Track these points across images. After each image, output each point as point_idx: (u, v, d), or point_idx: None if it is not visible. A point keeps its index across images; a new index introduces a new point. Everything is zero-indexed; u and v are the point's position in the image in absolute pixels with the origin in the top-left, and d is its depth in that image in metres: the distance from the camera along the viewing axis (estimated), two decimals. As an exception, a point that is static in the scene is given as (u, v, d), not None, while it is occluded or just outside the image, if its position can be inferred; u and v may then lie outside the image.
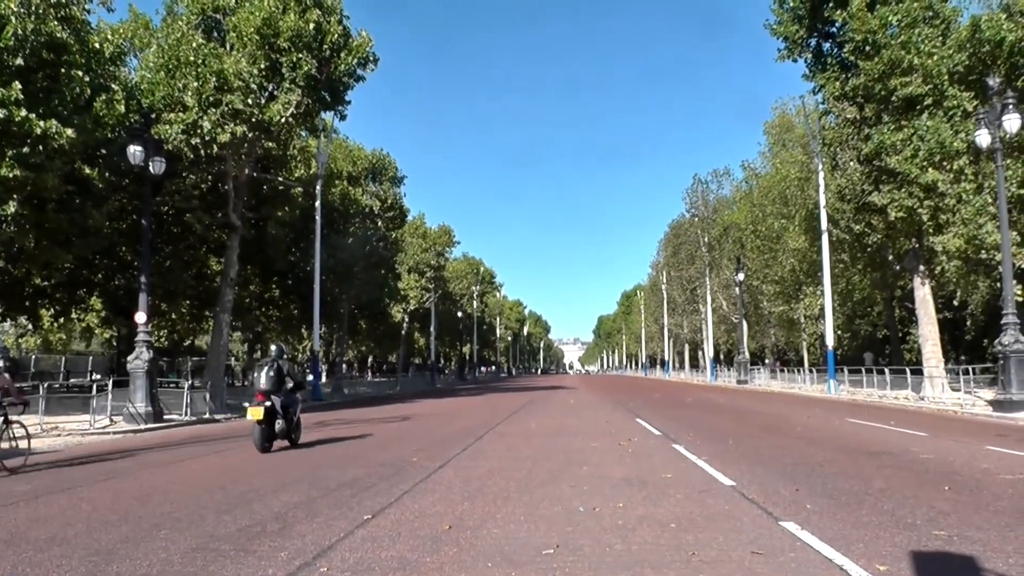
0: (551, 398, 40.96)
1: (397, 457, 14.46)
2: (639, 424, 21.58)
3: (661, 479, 11.04)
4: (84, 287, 38.98)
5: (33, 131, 21.82)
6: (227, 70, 28.72)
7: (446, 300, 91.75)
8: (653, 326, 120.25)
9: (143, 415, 24.16)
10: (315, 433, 21.11)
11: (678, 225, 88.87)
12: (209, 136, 28.88)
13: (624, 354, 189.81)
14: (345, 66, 31.73)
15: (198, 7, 30.63)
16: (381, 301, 65.34)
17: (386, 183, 56.70)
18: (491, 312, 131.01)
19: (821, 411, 27.11)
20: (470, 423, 23.65)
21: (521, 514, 8.66)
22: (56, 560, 7.10)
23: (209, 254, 41.34)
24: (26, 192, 23.49)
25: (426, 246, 79.07)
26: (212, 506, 9.69)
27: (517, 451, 15.22)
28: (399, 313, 78.05)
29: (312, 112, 33.35)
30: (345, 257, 49.39)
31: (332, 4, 31.32)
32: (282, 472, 12.93)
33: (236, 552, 7.18)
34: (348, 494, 10.28)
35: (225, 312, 34.09)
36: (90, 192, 28.84)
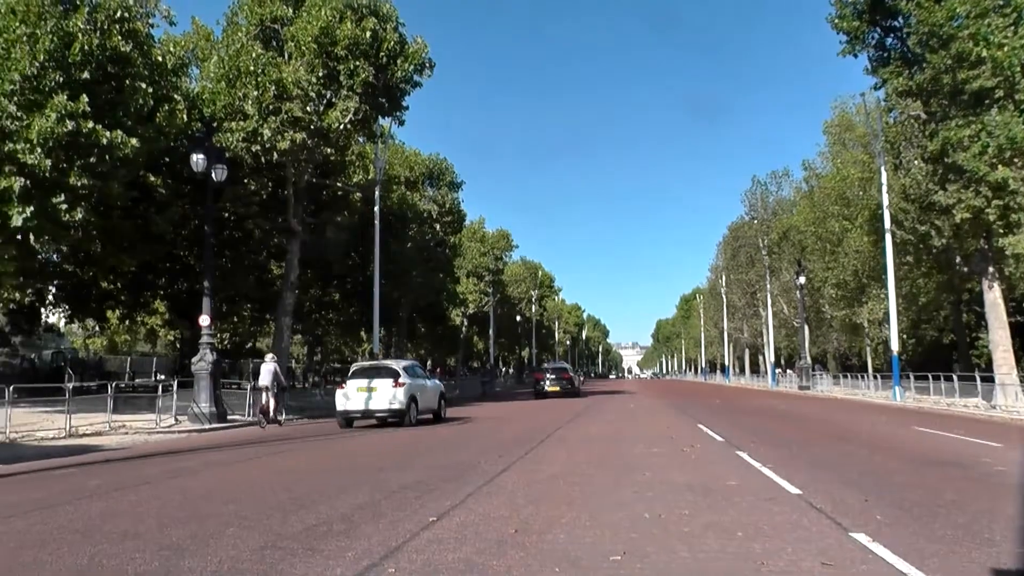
0: (610, 403, 40.77)
1: (459, 460, 14.52)
2: (701, 430, 21.30)
3: (725, 486, 10.91)
4: (148, 290, 39.74)
5: (99, 141, 22.38)
6: (286, 79, 29.16)
7: (505, 304, 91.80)
8: (712, 330, 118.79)
9: (207, 415, 24.61)
10: (379, 435, 21.29)
11: (737, 227, 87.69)
12: (269, 143, 29.37)
13: (683, 359, 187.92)
14: (402, 72, 31.93)
15: (257, 18, 31.07)
16: (440, 305, 65.58)
17: (444, 188, 57.01)
18: (550, 316, 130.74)
19: (886, 418, 26.69)
20: (530, 427, 23.66)
21: (586, 519, 8.62)
22: (130, 553, 7.29)
23: (270, 259, 41.87)
24: (93, 200, 24.06)
25: (484, 250, 79.11)
26: (278, 505, 9.83)
27: (578, 456, 15.16)
28: (458, 317, 78.25)
29: (370, 118, 33.65)
30: (404, 261, 49.66)
31: (388, 12, 31.58)
32: (344, 474, 13.09)
33: (304, 551, 7.28)
34: (412, 496, 10.33)
35: (286, 315, 34.56)
36: (154, 199, 29.50)
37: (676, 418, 27.52)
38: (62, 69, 22.56)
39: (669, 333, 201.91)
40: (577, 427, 23.50)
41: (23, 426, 20.64)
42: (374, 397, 24.34)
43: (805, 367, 61.43)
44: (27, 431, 20.27)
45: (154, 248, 30.03)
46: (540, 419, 27.68)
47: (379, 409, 24.40)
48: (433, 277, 56.64)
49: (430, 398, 26.93)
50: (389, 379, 24.56)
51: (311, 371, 64.58)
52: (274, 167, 32.52)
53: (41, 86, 22.27)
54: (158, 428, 22.95)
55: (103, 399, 23.60)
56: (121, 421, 22.94)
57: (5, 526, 8.78)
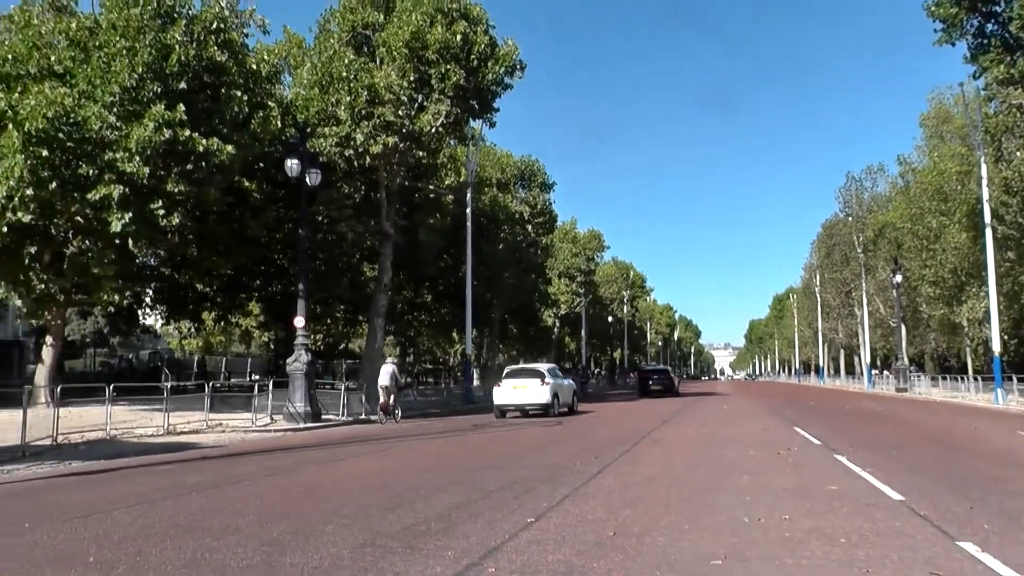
0: (703, 404, 40.28)
1: (554, 461, 14.46)
2: (797, 433, 20.80)
3: (826, 491, 10.61)
4: (243, 293, 40.60)
5: (196, 149, 22.99)
6: (378, 84, 29.53)
7: (596, 305, 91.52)
8: (806, 331, 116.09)
9: (302, 414, 25.05)
10: (473, 435, 21.44)
11: (831, 225, 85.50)
12: (362, 148, 29.78)
13: (776, 360, 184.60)
14: (492, 75, 32.01)
15: (349, 25, 31.54)
16: (532, 306, 65.70)
17: (535, 189, 57.03)
18: (641, 317, 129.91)
19: (988, 422, 25.74)
20: (624, 429, 23.47)
21: (684, 522, 8.50)
22: (232, 548, 7.47)
23: (363, 261, 42.40)
24: (190, 205, 24.73)
25: (576, 251, 78.93)
26: (375, 503, 9.93)
27: (674, 458, 14.98)
28: (550, 318, 78.25)
29: (461, 121, 33.84)
30: (496, 263, 49.86)
31: (478, 15, 31.73)
32: (440, 473, 13.14)
33: (404, 549, 7.33)
34: (509, 496, 10.33)
35: (379, 317, 34.99)
36: (248, 204, 30.18)
37: (771, 420, 27.05)
38: (160, 80, 23.29)
39: (762, 334, 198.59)
40: (671, 429, 23.25)
41: (122, 423, 21.20)
42: (525, 393, 29.39)
43: (902, 368, 59.63)
44: (126, 428, 20.82)
45: (249, 251, 30.68)
46: (632, 420, 27.53)
47: (529, 403, 29.40)
48: (525, 278, 56.75)
49: (567, 395, 32.10)
50: (537, 379, 29.79)
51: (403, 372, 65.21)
52: (367, 171, 33.03)
53: (140, 97, 23.00)
54: (254, 427, 23.44)
55: (199, 398, 24.20)
56: (217, 420, 23.47)
57: (109, 519, 9.06)
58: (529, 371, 31.23)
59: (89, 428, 19.63)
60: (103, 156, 22.56)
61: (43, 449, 16.79)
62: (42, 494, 11.85)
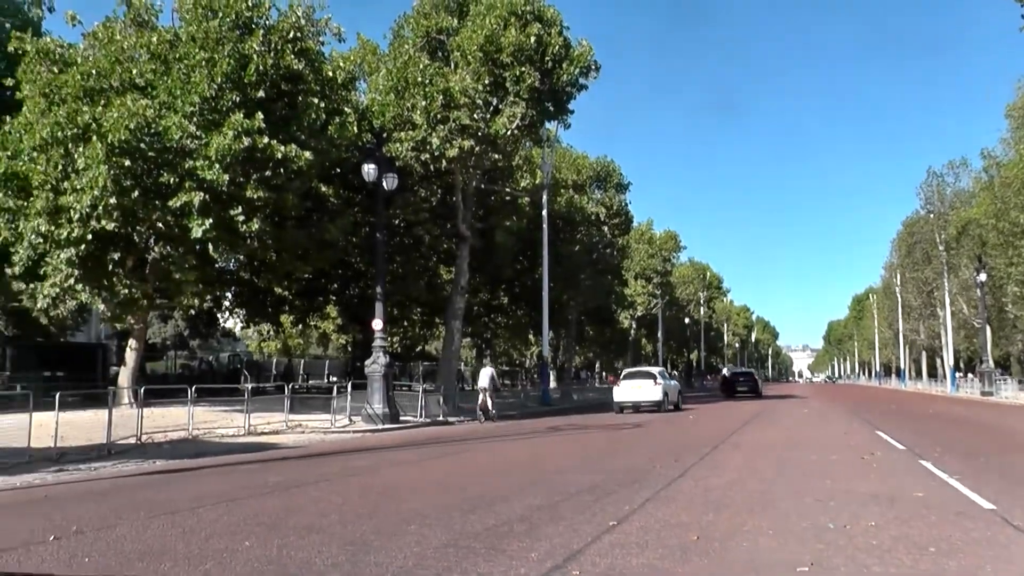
0: (782, 408, 39.74)
1: (634, 465, 14.36)
2: (880, 437, 20.37)
3: (912, 497, 10.31)
4: (321, 296, 41.15)
5: (274, 156, 23.36)
6: (453, 88, 29.68)
7: (673, 306, 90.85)
8: (886, 332, 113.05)
9: (380, 416, 25.33)
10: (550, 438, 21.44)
11: (912, 223, 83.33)
12: (438, 151, 29.94)
13: (856, 362, 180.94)
14: (567, 76, 31.96)
15: (423, 30, 31.82)
16: (608, 307, 65.38)
17: (611, 190, 56.75)
18: (718, 318, 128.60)
19: (1079, 429, 25.01)
20: (703, 432, 23.30)
21: (768, 528, 8.36)
22: (316, 546, 7.55)
23: (439, 263, 42.61)
24: (268, 211, 25.11)
25: (652, 252, 78.40)
26: (457, 504, 9.96)
27: (755, 463, 14.78)
28: (626, 319, 77.82)
29: (536, 123, 33.85)
30: (572, 264, 49.72)
31: (552, 16, 31.70)
32: (519, 475, 13.16)
33: (487, 550, 7.33)
34: (590, 499, 10.28)
35: (456, 319, 35.18)
36: (326, 208, 30.52)
37: (852, 423, 26.59)
38: (238, 89, 23.75)
39: (841, 335, 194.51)
40: (751, 432, 23.01)
41: (204, 424, 21.70)
42: (641, 392, 34.80)
43: (987, 371, 57.72)
44: (208, 428, 21.32)
45: (327, 255, 31.02)
46: (711, 424, 27.34)
47: (644, 400, 34.60)
48: (601, 280, 56.52)
49: (674, 393, 37.62)
50: (650, 380, 35.40)
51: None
52: (443, 174, 33.26)
53: (219, 106, 23.48)
54: (333, 428, 23.77)
55: (279, 399, 24.67)
56: (297, 420, 23.87)
57: (195, 516, 9.26)
58: (644, 373, 37.32)
59: (171, 428, 20.15)
60: (184, 164, 23.06)
61: (128, 448, 17.30)
62: (128, 491, 12.17)
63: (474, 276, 41.53)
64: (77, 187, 22.73)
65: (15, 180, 24.44)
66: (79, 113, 23.10)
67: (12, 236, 24.70)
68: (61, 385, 26.20)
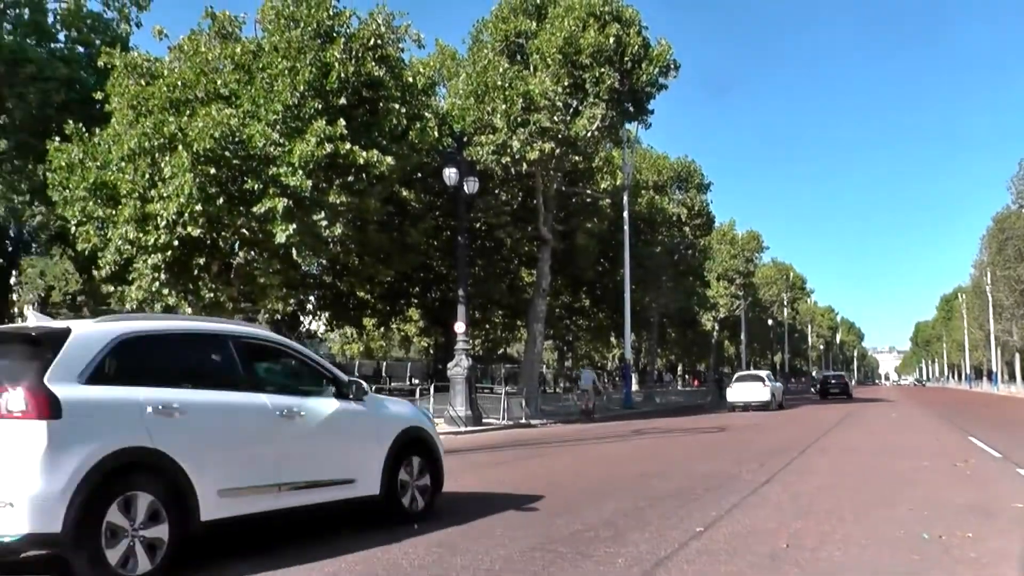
0: (869, 411, 38.94)
1: (719, 469, 14.21)
2: (973, 443, 19.72)
3: (1011, 508, 9.93)
4: (403, 299, 41.55)
5: (356, 161, 23.59)
6: (533, 91, 29.67)
7: (755, 307, 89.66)
8: (977, 333, 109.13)
9: (463, 418, 25.44)
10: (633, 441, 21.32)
11: (1003, 218, 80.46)
12: (518, 155, 29.99)
13: (945, 364, 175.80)
14: (647, 76, 31.81)
15: (501, 34, 31.94)
16: (690, 309, 64.79)
17: (692, 190, 56.13)
18: (802, 319, 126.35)
19: None
20: (788, 436, 22.91)
21: (860, 536, 8.16)
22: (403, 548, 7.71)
23: (520, 266, 42.73)
24: (351, 216, 25.40)
25: (734, 252, 77.42)
26: (542, 508, 9.97)
27: (843, 468, 14.49)
28: (709, 321, 77.02)
29: (616, 124, 33.84)
30: (653, 266, 49.33)
31: (631, 16, 31.58)
32: (605, 480, 13.11)
33: (573, 555, 7.30)
34: (675, 504, 10.20)
35: (538, 322, 35.20)
36: (407, 212, 30.84)
37: (943, 428, 25.93)
38: (320, 97, 24.03)
39: (929, 336, 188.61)
40: (837, 436, 22.61)
41: None
42: (751, 393, 40.31)
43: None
44: None
45: (409, 259, 31.31)
46: (796, 427, 26.94)
47: (755, 400, 39.76)
48: (683, 281, 56.07)
49: (779, 394, 43.26)
50: (759, 382, 41.64)
51: (562, 376, 65.37)
52: (523, 177, 33.31)
53: (301, 114, 23.78)
54: (416, 431, 23.76)
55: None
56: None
57: None
58: (754, 376, 44.20)
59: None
60: (267, 171, 23.41)
61: None
62: None
63: (555, 278, 41.50)
64: (164, 195, 23.25)
65: (104, 189, 25.10)
66: (165, 124, 23.59)
67: (101, 242, 25.37)
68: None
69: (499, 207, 34.87)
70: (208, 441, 6.91)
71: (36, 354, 6.22)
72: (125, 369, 6.58)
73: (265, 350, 8.30)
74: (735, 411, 38.59)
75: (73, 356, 6.24)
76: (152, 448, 6.34)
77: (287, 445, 7.65)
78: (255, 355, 8.00)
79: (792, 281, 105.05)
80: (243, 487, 7.09)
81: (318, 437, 8.04)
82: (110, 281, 27.86)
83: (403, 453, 8.94)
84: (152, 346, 7.07)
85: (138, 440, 6.29)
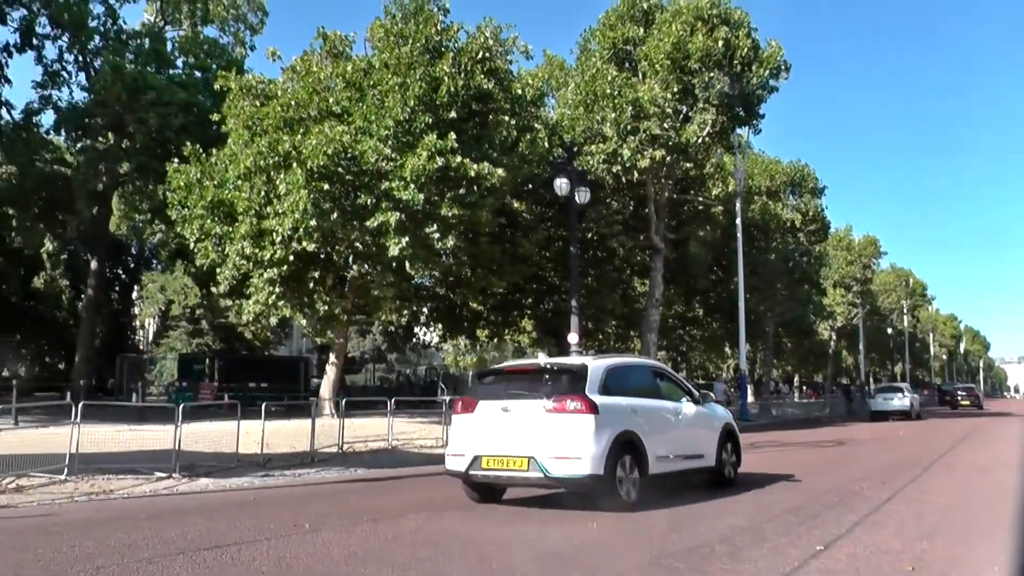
0: (999, 426, 37.01)
1: (838, 485, 13.72)
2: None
3: None
4: (516, 310, 41.51)
5: (467, 174, 23.77)
6: (642, 98, 29.51)
7: (874, 316, 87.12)
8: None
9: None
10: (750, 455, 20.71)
11: None
12: (629, 163, 29.91)
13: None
14: (757, 79, 31.37)
15: (609, 42, 31.90)
16: (805, 318, 63.33)
17: (806, 195, 54.91)
18: (923, 328, 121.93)
19: None
20: (910, 451, 21.98)
21: (993, 561, 7.72)
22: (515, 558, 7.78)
23: (633, 276, 42.39)
24: (462, 228, 25.63)
25: (851, 259, 75.40)
26: (657, 523, 9.83)
27: (971, 486, 13.87)
28: (825, 330, 75.21)
29: (727, 129, 33.39)
30: (767, 274, 48.44)
31: (739, 18, 31.17)
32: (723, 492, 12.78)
33: (690, 571, 7.17)
34: (794, 521, 9.86)
35: (651, 332, 34.89)
36: (519, 224, 30.97)
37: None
38: (431, 111, 24.34)
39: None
40: (964, 452, 21.60)
41: (402, 435, 22.34)
42: (893, 403, 44.27)
43: None
44: (406, 439, 21.93)
45: (521, 270, 31.34)
46: (920, 441, 25.91)
47: (896, 409, 43.35)
48: (798, 289, 54.83)
49: (916, 404, 46.39)
50: (899, 392, 46.05)
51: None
52: (634, 186, 33.16)
53: (412, 128, 24.13)
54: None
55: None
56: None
57: (397, 525, 9.58)
58: (894, 388, 49.57)
59: (371, 438, 20.71)
60: (380, 186, 23.76)
61: (330, 456, 17.94)
62: (332, 497, 12.69)
63: (668, 288, 41.10)
64: (279, 211, 23.84)
65: (221, 207, 25.90)
66: (280, 142, 24.17)
67: (219, 258, 26.14)
68: (266, 396, 27.56)
69: (610, 216, 34.64)
70: (651, 428, 11.43)
71: (578, 378, 11.00)
72: (612, 386, 11.26)
73: (662, 374, 13.50)
74: (876, 420, 40.85)
75: (592, 379, 10.98)
76: (632, 431, 10.94)
77: (678, 432, 12.42)
78: (659, 377, 13.19)
79: (912, 288, 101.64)
80: (664, 455, 11.65)
81: (689, 427, 12.73)
82: (228, 296, 28.68)
83: (724, 440, 13.52)
84: (621, 372, 11.94)
85: (628, 426, 10.92)
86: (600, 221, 34.52)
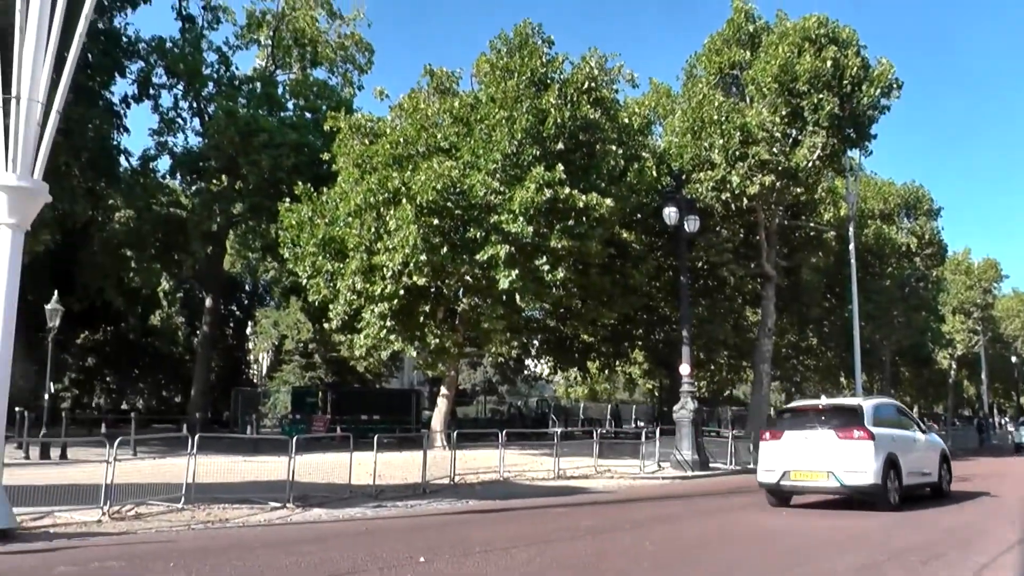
0: None
1: (965, 523, 13.29)
2: None
3: None
4: (626, 341, 41.30)
5: (576, 205, 23.82)
6: (750, 123, 29.04)
7: (996, 343, 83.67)
8: None
9: (689, 462, 24.79)
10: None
11: None
12: (738, 189, 29.43)
13: None
14: (867, 99, 30.44)
15: (715, 67, 31.52)
16: (923, 346, 61.35)
17: (921, 217, 53.31)
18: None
19: None
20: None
21: None
22: None
23: (744, 305, 41.74)
24: (572, 259, 25.55)
25: (970, 283, 72.72)
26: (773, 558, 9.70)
27: None
28: (945, 359, 72.64)
29: (837, 151, 32.49)
30: (882, 300, 47.11)
31: (848, 37, 30.40)
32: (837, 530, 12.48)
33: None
34: (915, 560, 9.43)
35: (764, 362, 34.21)
36: (628, 254, 30.81)
37: None
38: (538, 143, 24.48)
39: None
40: None
41: (514, 466, 22.30)
42: None
43: None
44: (518, 471, 21.86)
45: (631, 300, 31.15)
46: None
47: None
48: (915, 316, 53.12)
49: None
50: None
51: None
52: (744, 212, 32.66)
53: (520, 161, 24.28)
54: (641, 473, 23.60)
55: (587, 444, 24.97)
56: (606, 465, 23.80)
57: (508, 556, 9.53)
58: None
59: (482, 470, 20.81)
60: (489, 219, 23.93)
61: (441, 487, 18.04)
62: (444, 528, 12.68)
63: (780, 316, 40.25)
64: (389, 247, 24.15)
65: (332, 244, 26.38)
66: (389, 179, 24.54)
67: (331, 294, 26.58)
68: (378, 427, 27.91)
69: (721, 244, 34.15)
70: (903, 451, 15.26)
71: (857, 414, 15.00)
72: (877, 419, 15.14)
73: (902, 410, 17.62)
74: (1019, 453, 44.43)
75: (867, 414, 14.96)
76: (895, 453, 14.84)
77: (917, 454, 16.15)
78: (900, 412, 17.26)
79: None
80: (911, 471, 15.43)
81: (922, 451, 16.56)
82: (340, 330, 29.11)
83: (941, 461, 17.27)
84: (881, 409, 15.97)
85: (891, 449, 14.82)
86: (710, 249, 34.06)
